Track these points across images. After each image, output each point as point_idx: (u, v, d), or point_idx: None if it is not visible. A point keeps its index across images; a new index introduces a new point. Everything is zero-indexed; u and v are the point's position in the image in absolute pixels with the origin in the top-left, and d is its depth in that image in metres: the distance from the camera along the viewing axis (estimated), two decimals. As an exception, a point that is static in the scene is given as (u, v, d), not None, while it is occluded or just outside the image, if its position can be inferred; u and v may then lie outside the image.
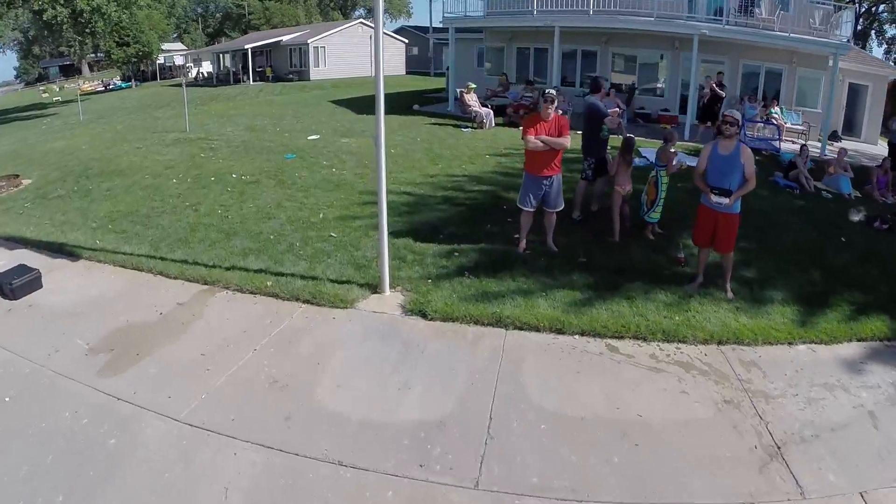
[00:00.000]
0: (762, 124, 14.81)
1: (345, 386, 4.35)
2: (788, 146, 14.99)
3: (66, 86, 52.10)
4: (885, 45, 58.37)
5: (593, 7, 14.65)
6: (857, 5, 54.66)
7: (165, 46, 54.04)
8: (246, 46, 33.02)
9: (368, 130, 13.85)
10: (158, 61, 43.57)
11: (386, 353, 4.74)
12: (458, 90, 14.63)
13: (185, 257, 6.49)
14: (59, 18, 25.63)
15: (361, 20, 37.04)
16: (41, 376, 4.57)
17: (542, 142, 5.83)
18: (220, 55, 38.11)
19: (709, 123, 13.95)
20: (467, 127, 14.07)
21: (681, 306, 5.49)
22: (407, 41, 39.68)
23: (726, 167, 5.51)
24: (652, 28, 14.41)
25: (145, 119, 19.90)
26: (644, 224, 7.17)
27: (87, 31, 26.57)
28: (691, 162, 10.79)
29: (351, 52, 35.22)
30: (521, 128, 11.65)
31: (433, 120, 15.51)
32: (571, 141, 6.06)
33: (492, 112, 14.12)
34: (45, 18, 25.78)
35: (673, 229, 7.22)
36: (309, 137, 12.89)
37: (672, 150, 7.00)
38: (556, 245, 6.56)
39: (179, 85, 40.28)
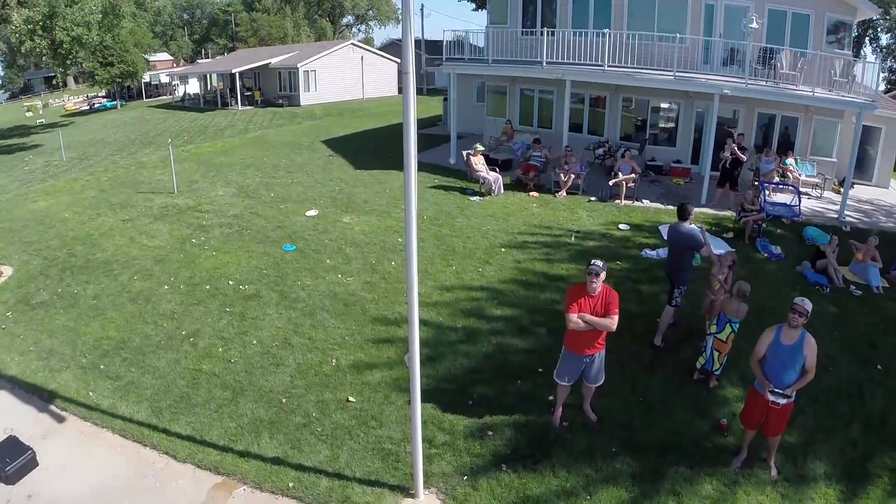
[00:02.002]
0: (780, 185, 14.44)
1: None
2: (805, 202, 14.71)
3: (50, 102, 50.98)
4: (881, 54, 58.73)
5: (608, 62, 14.15)
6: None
7: (151, 57, 53.02)
8: (234, 70, 32.14)
9: (370, 200, 13.27)
10: (144, 79, 42.57)
11: None
12: (464, 153, 14.06)
13: (191, 430, 5.85)
14: (37, 50, 24.81)
15: (353, 42, 36.27)
16: None
17: (585, 321, 5.31)
18: (208, 75, 37.20)
19: (727, 187, 13.57)
20: (475, 194, 13.51)
21: (726, 500, 5.14)
22: (399, 60, 39.04)
23: (788, 359, 5.07)
24: (672, 87, 13.97)
25: (129, 166, 19.11)
26: (709, 375, 6.71)
27: (69, 61, 25.76)
28: (719, 249, 10.38)
29: (342, 75, 34.47)
30: (529, 192, 11.35)
31: (437, 179, 14.92)
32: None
33: (500, 178, 13.57)
34: (23, 50, 24.98)
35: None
36: (307, 214, 12.21)
37: (744, 305, 6.44)
38: (595, 409, 6.07)
39: (166, 105, 39.75)
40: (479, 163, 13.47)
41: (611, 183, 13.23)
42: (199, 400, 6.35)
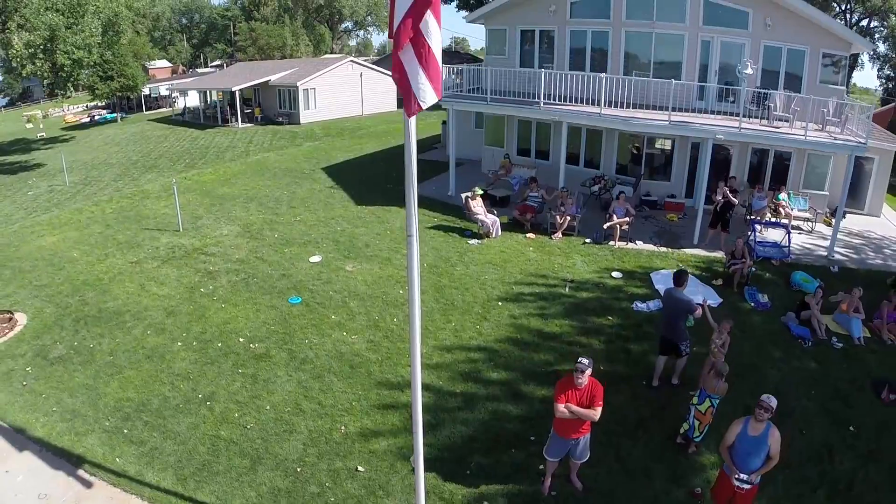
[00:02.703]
0: (769, 227, 15.12)
1: None
2: (796, 238, 15.39)
3: (50, 111, 51.66)
4: (877, 63, 59.53)
5: (604, 104, 14.82)
6: (848, 16, 55.74)
7: (150, 65, 53.80)
8: (234, 88, 32.87)
9: (371, 244, 13.95)
10: (144, 92, 43.33)
11: None
12: (463, 196, 14.75)
13: (216, 499, 6.47)
14: (38, 73, 25.50)
15: (351, 59, 37.02)
16: None
17: (571, 412, 5.99)
18: (208, 92, 37.94)
19: (719, 228, 14.24)
20: (473, 236, 14.20)
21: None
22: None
23: (754, 448, 5.76)
24: (667, 132, 14.66)
25: (133, 196, 19.76)
26: (689, 441, 7.41)
27: (70, 83, 26.44)
28: (713, 301, 11.08)
29: (341, 92, 35.22)
30: (526, 234, 12.14)
31: (436, 217, 15.59)
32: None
33: (497, 220, 14.26)
34: (24, 74, 25.63)
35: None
36: (311, 260, 12.89)
37: (724, 382, 7.16)
38: (582, 479, 6.77)
39: (166, 119, 40.42)
40: (477, 206, 14.16)
41: (605, 226, 13.91)
42: (221, 468, 7.02)
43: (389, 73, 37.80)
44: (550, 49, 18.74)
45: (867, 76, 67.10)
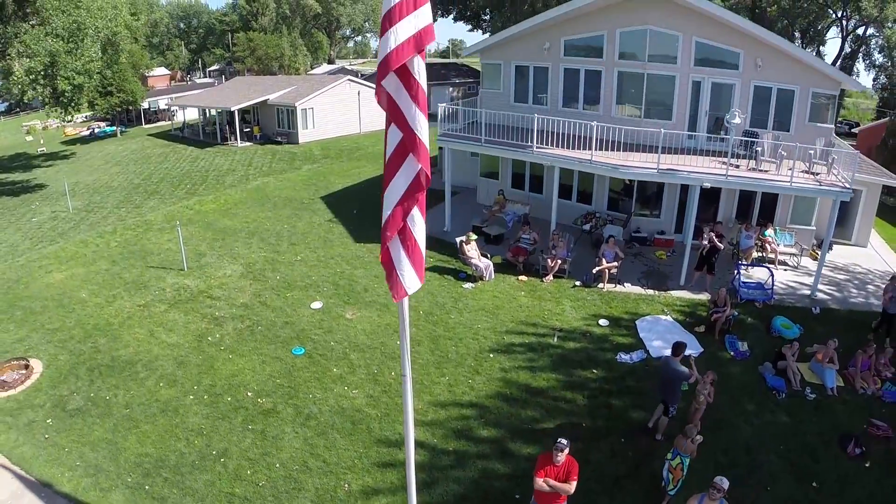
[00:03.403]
0: (754, 266, 16.00)
1: None
2: (782, 275, 16.27)
3: (49, 123, 52.44)
4: (873, 72, 60.57)
5: (595, 149, 15.67)
6: (844, 23, 56.79)
7: (148, 73, 54.69)
8: (233, 108, 33.76)
9: (370, 288, 14.85)
10: (143, 106, 44.34)
11: None
12: (458, 240, 15.66)
13: None
14: (40, 98, 26.42)
15: (349, 78, 37.95)
16: None
17: (549, 486, 6.89)
18: (207, 110, 38.88)
19: (704, 271, 15.12)
20: (468, 278, 15.11)
21: None
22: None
23: None
24: (655, 179, 15.51)
25: (136, 227, 20.62)
26: (664, 493, 8.32)
27: (70, 107, 27.34)
28: (694, 351, 11.99)
29: (339, 111, 36.18)
30: (518, 277, 12.92)
31: (432, 258, 16.35)
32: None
33: (490, 264, 15.17)
34: (25, 100, 26.52)
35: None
36: (312, 306, 13.80)
37: (691, 443, 8.09)
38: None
39: (166, 134, 41.31)
40: (471, 249, 15.07)
41: (594, 270, 14.81)
42: (238, 529, 7.92)
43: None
44: (545, 84, 19.64)
45: (864, 77, 68.14)
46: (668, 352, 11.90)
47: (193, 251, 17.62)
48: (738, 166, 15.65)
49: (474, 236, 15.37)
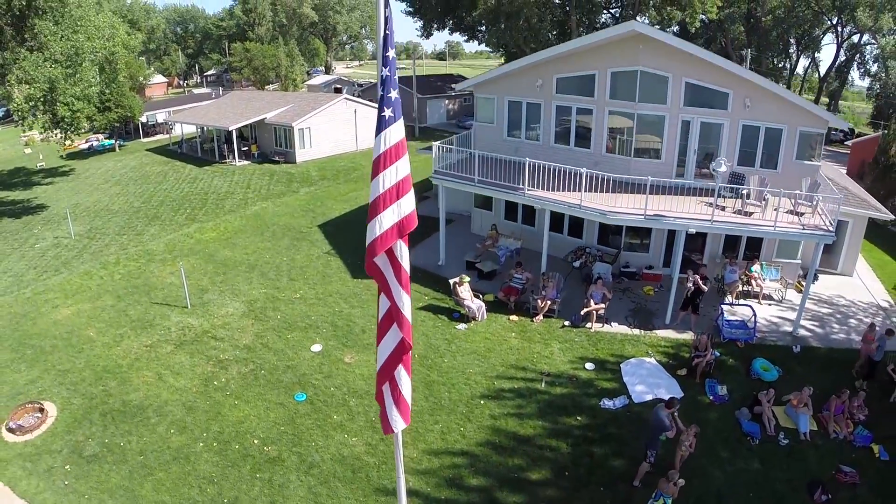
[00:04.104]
0: (738, 305, 16.96)
1: None
2: (766, 310, 17.23)
3: (48, 134, 53.30)
4: (867, 80, 61.81)
5: (584, 194, 16.61)
6: (839, 29, 57.95)
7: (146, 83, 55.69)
8: (230, 127, 34.71)
9: (368, 330, 15.81)
10: (141, 120, 45.37)
11: None
12: (451, 281, 16.62)
13: None
14: (40, 123, 27.36)
15: (346, 97, 38.92)
16: None
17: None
18: (205, 128, 39.85)
19: (689, 311, 16.09)
20: (461, 318, 16.08)
21: None
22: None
23: None
24: (642, 225, 16.43)
25: (139, 258, 21.51)
26: None
27: (71, 131, 28.27)
28: (676, 395, 12.95)
29: (336, 130, 37.17)
30: (510, 317, 13.69)
31: (427, 296, 17.41)
32: None
33: (483, 305, 16.15)
34: (24, 126, 27.42)
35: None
36: (312, 349, 14.74)
37: (673, 485, 9.13)
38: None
39: (164, 150, 42.24)
40: (464, 291, 16.03)
41: (583, 312, 15.79)
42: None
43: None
44: (538, 119, 20.60)
45: (859, 83, 69.48)
46: (649, 397, 13.09)
47: (195, 286, 18.56)
48: (724, 208, 16.55)
49: (467, 278, 16.33)
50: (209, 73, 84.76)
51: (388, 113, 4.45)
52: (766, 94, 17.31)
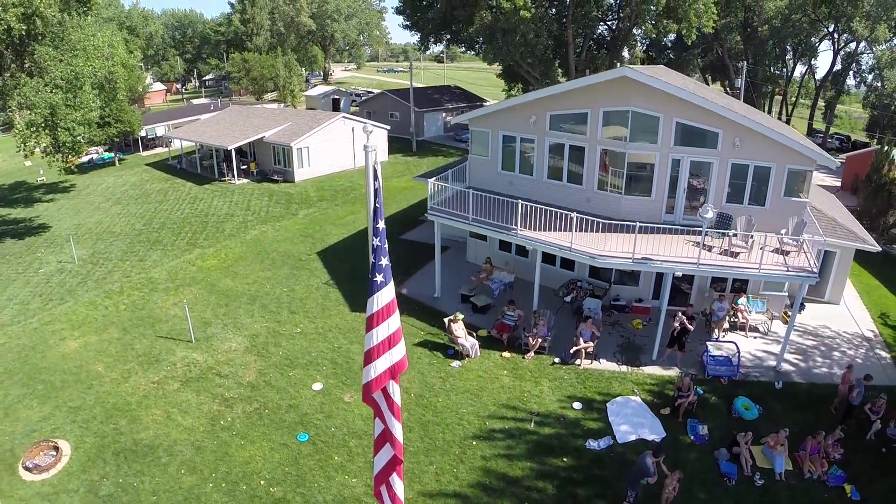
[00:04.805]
0: (723, 343, 17.94)
1: None
2: (751, 343, 18.23)
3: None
4: (863, 89, 62.93)
5: (574, 235, 17.58)
6: (836, 35, 59.06)
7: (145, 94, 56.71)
8: (229, 147, 35.70)
9: (367, 366, 16.82)
10: (141, 134, 46.42)
11: None
12: (445, 320, 17.63)
13: None
14: (41, 146, 28.26)
15: (343, 115, 39.94)
16: None
17: None
18: (204, 146, 40.86)
19: (676, 348, 17.07)
20: (455, 355, 17.10)
21: None
22: (388, 127, 43.05)
23: None
24: (630, 268, 17.38)
25: (142, 287, 22.48)
26: None
27: (72, 155, 29.21)
28: (658, 436, 13.97)
29: (334, 148, 38.22)
30: (502, 354, 14.83)
31: (422, 331, 18.40)
32: None
33: (476, 343, 17.16)
34: (25, 149, 28.26)
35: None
36: (313, 388, 15.75)
37: None
38: None
39: (164, 165, 43.27)
40: (458, 328, 17.04)
41: (572, 351, 16.80)
42: None
43: (381, 124, 40.88)
44: (531, 155, 21.58)
45: (855, 92, 70.72)
46: (633, 437, 14.12)
47: (199, 318, 19.53)
48: (710, 248, 17.50)
49: (461, 316, 17.33)
50: (207, 77, 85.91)
51: (379, 278, 5.48)
52: (755, 134, 18.07)
